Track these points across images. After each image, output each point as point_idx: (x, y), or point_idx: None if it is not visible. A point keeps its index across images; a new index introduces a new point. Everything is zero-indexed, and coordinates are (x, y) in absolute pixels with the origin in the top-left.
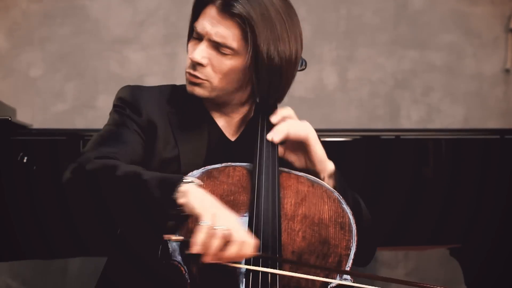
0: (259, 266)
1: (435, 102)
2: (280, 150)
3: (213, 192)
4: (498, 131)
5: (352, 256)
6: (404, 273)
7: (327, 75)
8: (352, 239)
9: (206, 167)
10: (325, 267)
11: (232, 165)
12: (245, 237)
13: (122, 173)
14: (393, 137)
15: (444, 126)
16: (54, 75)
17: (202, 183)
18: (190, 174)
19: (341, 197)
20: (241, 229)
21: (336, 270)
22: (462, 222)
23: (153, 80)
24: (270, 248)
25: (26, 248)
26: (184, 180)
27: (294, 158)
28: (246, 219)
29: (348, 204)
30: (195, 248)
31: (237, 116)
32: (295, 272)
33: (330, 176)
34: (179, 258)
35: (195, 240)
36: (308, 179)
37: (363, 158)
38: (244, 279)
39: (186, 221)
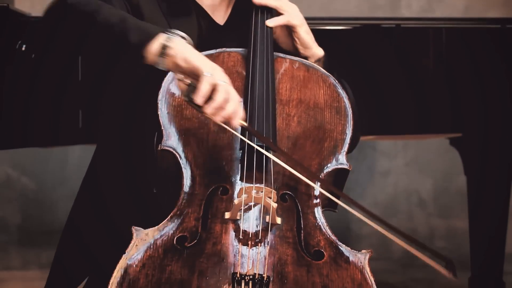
0: (257, 146)
1: None
2: None
3: None
4: (499, 21)
5: (348, 140)
6: (404, 162)
7: None
8: (348, 123)
9: (201, 53)
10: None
11: (227, 51)
12: (238, 97)
13: (109, 13)
14: (394, 25)
15: (445, 16)
16: None
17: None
18: None
19: (336, 81)
20: (233, 90)
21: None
22: (462, 112)
23: None
24: (264, 133)
25: (25, 135)
26: (177, 33)
27: (281, 40)
28: (241, 104)
29: None
30: (199, 98)
31: None
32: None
33: (318, 60)
34: (173, 144)
35: (200, 88)
36: (303, 64)
37: (363, 47)
38: (239, 161)
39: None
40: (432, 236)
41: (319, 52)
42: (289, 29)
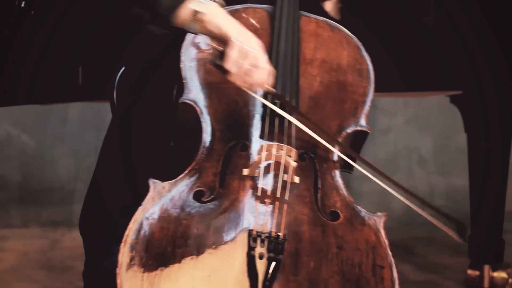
0: (279, 110)
1: None
2: None
3: None
4: None
5: (368, 103)
6: (403, 121)
7: None
8: (370, 86)
9: (226, 7)
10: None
11: (253, 7)
12: (269, 66)
13: None
14: None
15: None
16: None
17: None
18: None
19: (360, 43)
20: (265, 57)
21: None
22: (463, 68)
23: None
24: (288, 92)
25: (25, 92)
26: None
27: None
28: (270, 72)
29: None
30: (228, 64)
31: None
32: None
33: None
34: (195, 97)
35: (229, 54)
36: (328, 24)
37: (360, 3)
38: (261, 118)
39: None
40: (432, 194)
41: None
42: None
